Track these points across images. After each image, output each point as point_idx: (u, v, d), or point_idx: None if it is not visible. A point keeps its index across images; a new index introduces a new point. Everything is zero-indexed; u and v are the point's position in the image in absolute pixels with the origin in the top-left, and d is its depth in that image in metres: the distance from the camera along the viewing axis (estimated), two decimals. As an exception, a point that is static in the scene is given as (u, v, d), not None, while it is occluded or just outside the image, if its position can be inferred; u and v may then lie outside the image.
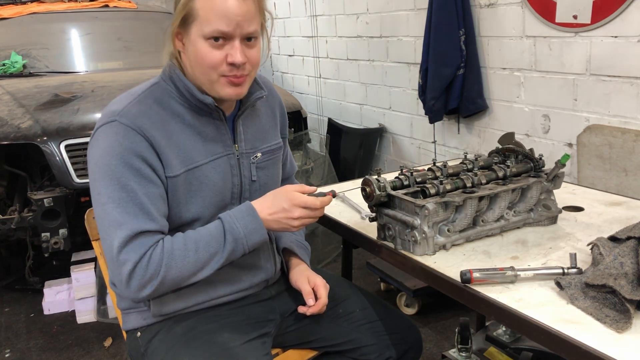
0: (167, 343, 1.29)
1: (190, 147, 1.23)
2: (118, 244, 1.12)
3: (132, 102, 1.21)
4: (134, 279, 1.13)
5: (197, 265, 1.17)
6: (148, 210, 1.15)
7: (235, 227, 1.19)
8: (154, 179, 1.17)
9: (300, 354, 1.48)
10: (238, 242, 1.19)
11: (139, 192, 1.14)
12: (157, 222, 1.16)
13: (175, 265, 1.15)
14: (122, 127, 1.16)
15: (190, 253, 1.16)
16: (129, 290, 1.15)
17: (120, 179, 1.14)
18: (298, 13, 4.79)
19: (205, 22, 1.15)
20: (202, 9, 1.14)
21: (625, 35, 2.27)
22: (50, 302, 2.96)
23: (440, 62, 3.00)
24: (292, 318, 1.46)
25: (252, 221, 1.20)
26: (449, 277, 1.16)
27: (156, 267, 1.13)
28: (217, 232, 1.19)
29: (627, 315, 0.96)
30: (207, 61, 1.17)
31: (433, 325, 2.64)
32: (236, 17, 1.15)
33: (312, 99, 4.89)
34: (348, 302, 1.49)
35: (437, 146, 3.49)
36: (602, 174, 2.39)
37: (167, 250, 1.15)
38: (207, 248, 1.17)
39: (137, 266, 1.12)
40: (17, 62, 3.69)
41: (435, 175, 1.38)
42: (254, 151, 1.35)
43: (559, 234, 1.36)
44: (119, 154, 1.15)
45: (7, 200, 2.97)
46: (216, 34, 1.15)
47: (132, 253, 1.12)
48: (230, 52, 1.17)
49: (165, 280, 1.15)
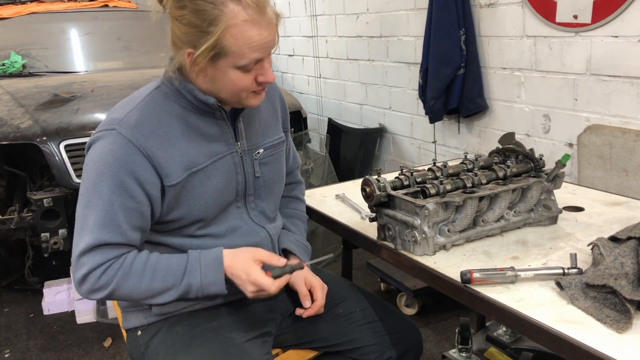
0: (167, 342, 1.30)
1: (193, 150, 1.23)
2: (82, 247, 1.17)
3: (133, 109, 1.21)
4: (86, 283, 1.18)
5: (148, 293, 1.21)
6: (119, 223, 1.17)
7: (195, 274, 1.21)
8: (135, 195, 1.18)
9: (300, 354, 1.48)
10: (192, 287, 1.21)
11: (115, 204, 1.16)
12: (125, 236, 1.18)
13: (126, 285, 1.19)
14: (120, 137, 1.17)
15: (144, 280, 1.19)
16: (79, 291, 1.20)
17: (102, 187, 1.16)
18: (298, 13, 4.78)
19: (240, 56, 1.14)
20: (235, 45, 1.13)
21: (626, 35, 2.27)
22: (49, 302, 2.96)
23: (441, 62, 3.00)
24: (292, 317, 1.46)
25: (213, 273, 1.21)
26: (449, 277, 1.16)
27: (108, 280, 1.17)
28: (178, 270, 1.21)
29: (627, 315, 0.96)
30: (241, 86, 1.19)
31: (433, 326, 2.63)
32: (268, 43, 1.16)
33: (312, 99, 4.89)
34: (348, 302, 1.49)
35: (437, 146, 3.49)
36: (603, 174, 2.39)
37: (124, 269, 1.18)
38: (162, 281, 1.20)
39: (90, 273, 1.17)
40: (16, 62, 3.69)
41: (435, 175, 1.38)
42: (256, 147, 1.35)
43: (559, 234, 1.36)
44: (109, 164, 1.16)
45: (6, 200, 2.97)
46: (253, 64, 1.16)
47: (90, 259, 1.17)
48: (260, 73, 1.19)
49: (114, 294, 1.20)
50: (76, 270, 1.18)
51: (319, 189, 1.89)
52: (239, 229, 1.33)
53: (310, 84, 4.87)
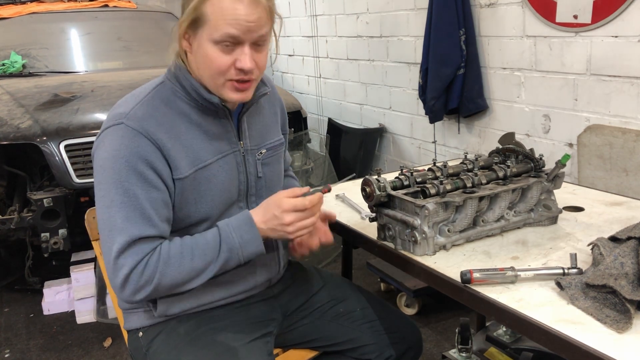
0: (169, 343, 1.29)
1: (198, 147, 1.23)
2: (117, 249, 1.13)
3: (139, 103, 1.20)
4: (129, 284, 1.14)
5: (192, 273, 1.17)
6: (149, 216, 1.15)
7: (232, 236, 1.19)
8: (157, 184, 1.17)
9: (301, 353, 1.48)
10: (233, 252, 1.19)
11: (141, 197, 1.14)
12: (157, 228, 1.16)
13: (169, 272, 1.15)
14: (129, 130, 1.16)
15: (185, 261, 1.16)
16: (122, 294, 1.16)
17: (124, 183, 1.14)
18: (298, 13, 4.78)
19: (215, 27, 1.13)
20: (213, 13, 1.13)
21: (626, 35, 2.27)
22: (49, 303, 2.96)
23: (441, 62, 3.00)
24: (293, 317, 1.46)
25: (248, 231, 1.19)
26: (449, 277, 1.16)
27: (151, 273, 1.14)
28: (214, 240, 1.19)
29: (627, 315, 0.96)
30: (216, 65, 1.17)
31: (433, 326, 2.63)
32: (247, 22, 1.13)
33: (312, 99, 4.89)
34: (348, 301, 1.49)
35: (437, 146, 3.49)
36: (603, 174, 2.39)
37: (164, 257, 1.15)
38: (203, 256, 1.17)
39: (133, 271, 1.13)
40: (16, 62, 3.69)
41: (435, 175, 1.38)
42: (259, 147, 1.35)
43: (559, 234, 1.36)
44: (124, 158, 1.14)
45: (6, 200, 2.97)
46: (226, 39, 1.14)
47: (129, 258, 1.13)
48: (239, 58, 1.16)
49: (159, 286, 1.16)
50: (115, 273, 1.14)
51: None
52: None
53: (310, 84, 4.87)
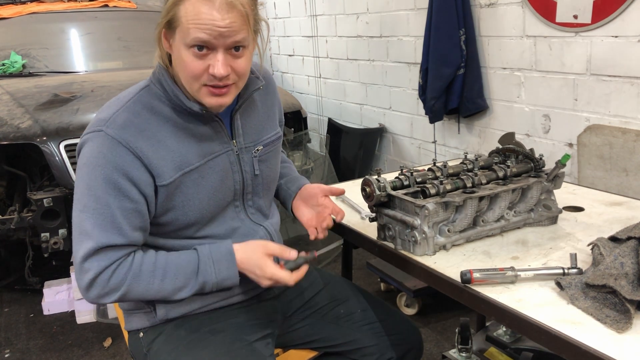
0: (170, 344, 1.29)
1: (185, 150, 1.21)
2: (83, 253, 1.14)
3: (120, 109, 1.19)
4: (94, 288, 1.15)
5: (161, 293, 1.19)
6: (119, 225, 1.15)
7: (210, 270, 1.20)
8: (132, 195, 1.16)
9: (301, 354, 1.48)
10: (207, 284, 1.20)
11: (113, 206, 1.14)
12: (126, 237, 1.16)
13: (137, 287, 1.17)
14: (108, 138, 1.15)
15: (156, 280, 1.17)
16: (87, 296, 1.17)
17: (97, 190, 1.14)
18: (298, 13, 4.78)
19: (187, 31, 1.11)
20: (184, 16, 1.11)
21: (626, 35, 2.27)
22: (49, 302, 2.96)
23: (441, 62, 3.00)
24: (293, 318, 1.46)
25: (227, 268, 1.20)
26: (449, 277, 1.16)
27: (119, 282, 1.15)
28: (190, 267, 1.20)
29: (627, 315, 0.96)
30: (189, 70, 1.15)
31: (433, 326, 2.63)
32: (218, 28, 1.10)
33: (312, 99, 4.89)
34: (348, 302, 1.49)
35: (437, 146, 3.49)
36: (603, 174, 2.39)
37: (134, 270, 1.16)
38: (174, 280, 1.19)
39: (98, 277, 1.14)
40: (16, 62, 3.69)
41: (435, 175, 1.38)
42: (255, 144, 1.33)
43: (559, 234, 1.36)
44: (100, 167, 1.14)
45: (6, 200, 2.97)
46: (197, 43, 1.11)
47: (95, 263, 1.14)
48: (211, 63, 1.13)
49: (126, 296, 1.17)
50: (81, 276, 1.15)
51: None
52: (238, 229, 1.32)
53: (310, 84, 4.87)
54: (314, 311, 1.46)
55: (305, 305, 1.47)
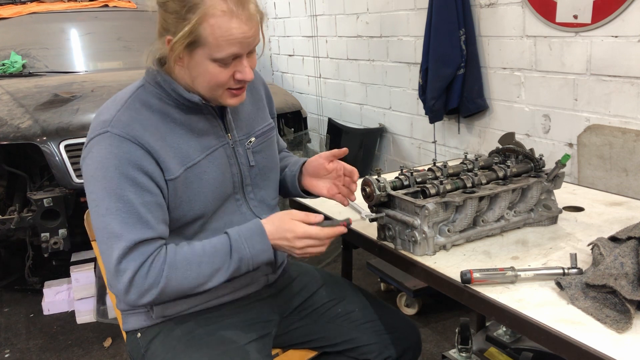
0: (167, 344, 1.29)
1: (185, 146, 1.22)
2: (117, 254, 1.12)
3: (121, 109, 1.19)
4: (134, 287, 1.12)
5: (199, 280, 1.16)
6: (146, 220, 1.14)
7: (243, 247, 1.17)
8: (150, 188, 1.16)
9: (300, 354, 1.48)
10: (243, 261, 1.18)
11: (135, 202, 1.13)
12: (154, 230, 1.15)
13: (175, 277, 1.14)
14: (115, 137, 1.15)
15: (193, 267, 1.15)
16: (127, 298, 1.14)
17: (116, 190, 1.13)
18: (298, 13, 4.78)
19: (217, 48, 1.12)
20: (212, 35, 1.11)
21: (626, 35, 2.27)
22: (49, 303, 2.96)
23: (441, 62, 3.00)
24: (292, 318, 1.46)
25: (260, 242, 1.18)
26: (449, 277, 1.16)
27: (156, 276, 1.13)
28: (223, 249, 1.18)
29: (627, 315, 0.96)
30: (217, 80, 1.17)
31: (433, 326, 2.63)
32: (247, 39, 1.14)
33: (312, 99, 4.89)
34: (347, 301, 1.49)
35: (437, 146, 3.49)
36: (603, 174, 2.39)
37: (170, 261, 1.14)
38: (211, 264, 1.16)
39: (136, 274, 1.12)
40: (16, 62, 3.69)
41: (435, 175, 1.38)
42: (248, 137, 1.35)
43: (560, 234, 1.36)
44: (114, 166, 1.13)
45: (6, 200, 2.97)
46: (230, 57, 1.14)
47: (131, 262, 1.12)
48: (238, 69, 1.17)
49: (165, 291, 1.14)
50: (118, 279, 1.12)
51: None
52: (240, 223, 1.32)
53: (310, 84, 4.87)
54: (312, 310, 1.47)
55: (304, 305, 1.47)
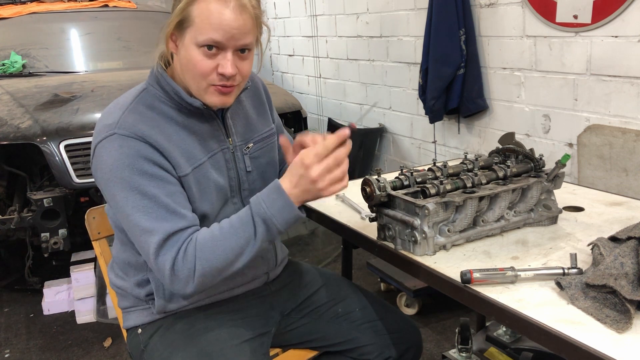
0: (166, 340, 1.30)
1: (190, 146, 1.23)
2: (154, 249, 1.12)
3: (125, 112, 1.20)
4: (177, 277, 1.13)
5: (231, 253, 1.14)
6: (174, 210, 1.15)
7: (263, 208, 1.15)
8: (168, 178, 1.17)
9: (300, 354, 1.48)
10: (268, 222, 1.14)
11: (159, 194, 1.14)
12: (186, 219, 1.16)
13: (205, 257, 1.13)
14: (123, 138, 1.15)
15: (219, 242, 1.14)
16: (176, 290, 1.14)
17: (138, 187, 1.13)
18: (298, 13, 4.78)
19: (200, 31, 1.13)
20: (199, 16, 1.13)
21: (626, 35, 2.27)
22: (49, 302, 2.96)
23: (441, 62, 3.00)
24: (292, 317, 1.46)
25: (278, 198, 1.14)
26: (449, 277, 1.16)
27: (191, 261, 1.12)
28: (246, 217, 1.16)
29: (627, 315, 0.96)
30: (198, 69, 1.16)
31: (433, 326, 2.63)
32: (231, 29, 1.13)
33: (312, 99, 4.89)
34: (348, 301, 1.49)
35: (437, 146, 3.49)
36: (603, 174, 2.39)
37: (200, 243, 1.14)
38: (236, 234, 1.14)
39: (174, 264, 1.12)
40: (16, 62, 3.69)
41: (435, 175, 1.38)
42: (246, 142, 1.35)
43: (560, 234, 1.36)
44: (128, 165, 1.13)
45: (6, 200, 2.97)
46: (209, 43, 1.14)
47: (167, 254, 1.12)
48: (221, 63, 1.16)
49: (203, 273, 1.13)
50: (162, 274, 1.13)
51: None
52: None
53: (310, 84, 4.87)
54: (312, 310, 1.47)
55: (304, 304, 1.47)
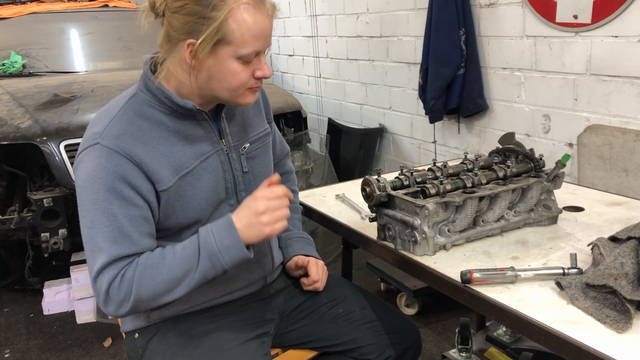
0: (164, 344, 1.29)
1: (179, 154, 1.22)
2: (97, 269, 1.14)
3: (113, 120, 1.19)
4: (110, 299, 1.14)
5: (170, 283, 1.15)
6: (129, 234, 1.15)
7: (211, 243, 1.15)
8: (136, 202, 1.16)
9: (300, 354, 1.48)
10: (213, 258, 1.15)
11: (120, 216, 1.14)
12: (137, 245, 1.16)
13: (145, 283, 1.14)
14: (105, 150, 1.15)
15: (162, 271, 1.14)
16: (107, 310, 1.16)
17: (102, 203, 1.13)
18: (298, 13, 4.78)
19: (242, 45, 1.13)
20: (238, 31, 1.12)
21: (626, 35, 2.27)
22: (49, 303, 2.96)
23: (441, 62, 3.00)
24: (291, 317, 1.46)
25: (228, 235, 1.15)
26: (449, 277, 1.16)
27: (128, 285, 1.13)
28: (192, 248, 1.16)
29: (627, 315, 0.96)
30: (238, 80, 1.17)
31: (433, 326, 2.63)
32: (269, 35, 1.17)
33: (312, 99, 4.89)
34: (347, 301, 1.49)
35: (437, 146, 3.49)
36: (603, 174, 2.39)
37: (140, 268, 1.14)
38: (180, 265, 1.15)
39: (110, 286, 1.13)
40: (16, 62, 3.69)
41: (435, 175, 1.38)
42: (242, 142, 1.35)
43: (560, 234, 1.36)
44: (101, 179, 1.13)
45: (6, 200, 2.97)
46: (253, 53, 1.16)
47: (107, 275, 1.13)
48: (258, 67, 1.19)
49: (139, 298, 1.14)
50: (98, 291, 1.15)
51: (319, 189, 1.89)
52: None
53: (310, 84, 4.87)
54: (312, 310, 1.47)
55: (303, 305, 1.47)
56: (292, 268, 1.49)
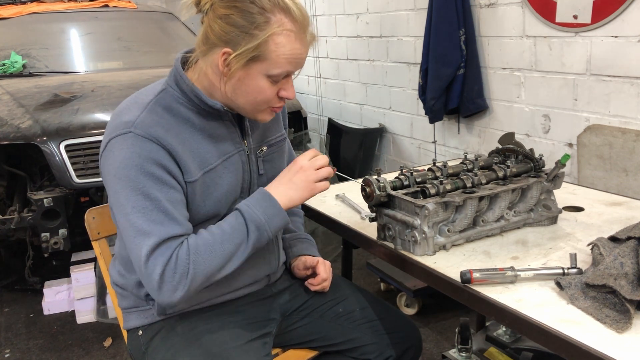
0: (167, 342, 1.30)
1: (204, 150, 1.24)
2: (146, 251, 1.12)
3: (144, 111, 1.19)
4: (165, 283, 1.12)
5: (225, 258, 1.17)
6: (173, 216, 1.15)
7: (256, 215, 1.19)
8: (174, 185, 1.17)
9: (300, 354, 1.48)
10: (261, 229, 1.19)
11: (162, 199, 1.14)
12: (182, 226, 1.16)
13: (202, 260, 1.14)
14: (138, 138, 1.15)
15: (216, 246, 1.16)
16: (161, 296, 1.14)
17: (142, 188, 1.13)
18: (298, 13, 4.78)
19: (276, 65, 1.15)
20: (275, 52, 1.14)
21: (626, 35, 2.27)
22: (50, 302, 2.96)
23: (441, 62, 3.00)
24: (292, 317, 1.46)
25: (270, 206, 1.21)
26: (449, 277, 1.16)
27: (184, 266, 1.13)
28: (239, 223, 1.19)
29: (627, 315, 0.96)
30: (264, 96, 1.20)
31: (433, 326, 2.63)
32: (302, 60, 1.20)
33: (312, 99, 4.89)
34: (348, 301, 1.49)
35: (437, 146, 3.49)
36: (603, 174, 2.39)
37: (193, 247, 1.15)
38: (232, 240, 1.17)
39: (165, 269, 1.12)
40: (16, 62, 3.69)
41: (435, 175, 1.38)
42: (260, 145, 1.37)
43: (559, 234, 1.36)
44: (137, 165, 1.14)
45: (6, 200, 2.97)
46: (283, 75, 1.18)
47: (159, 258, 1.12)
48: (284, 87, 1.21)
49: (196, 278, 1.14)
50: (149, 277, 1.12)
51: None
52: None
53: (310, 84, 4.87)
54: (313, 310, 1.47)
55: (304, 305, 1.47)
56: (300, 268, 1.49)
